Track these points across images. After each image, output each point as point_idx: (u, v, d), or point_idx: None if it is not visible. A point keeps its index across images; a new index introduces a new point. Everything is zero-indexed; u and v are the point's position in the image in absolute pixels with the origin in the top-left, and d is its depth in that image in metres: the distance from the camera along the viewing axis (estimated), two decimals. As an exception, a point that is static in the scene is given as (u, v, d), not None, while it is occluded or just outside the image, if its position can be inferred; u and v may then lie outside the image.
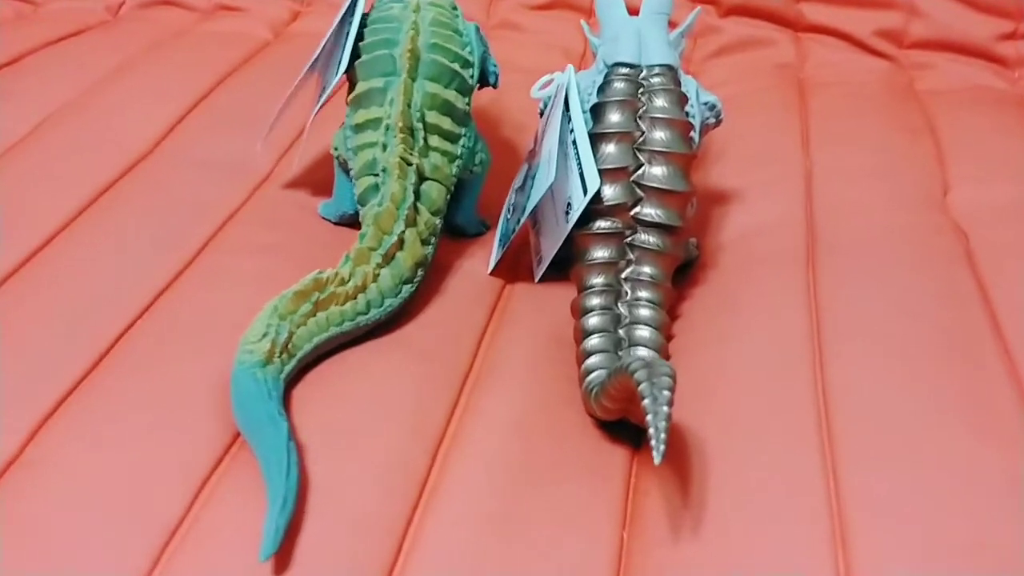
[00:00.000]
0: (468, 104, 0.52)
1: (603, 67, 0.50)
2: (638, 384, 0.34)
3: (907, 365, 0.43)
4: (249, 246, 0.53)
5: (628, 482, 0.40)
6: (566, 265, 0.49)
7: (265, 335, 0.41)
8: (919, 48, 0.76)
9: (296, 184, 0.59)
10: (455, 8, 0.55)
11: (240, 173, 0.60)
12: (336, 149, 0.52)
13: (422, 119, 0.49)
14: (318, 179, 0.59)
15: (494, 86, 0.55)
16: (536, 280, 0.52)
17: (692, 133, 0.49)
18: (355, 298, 0.45)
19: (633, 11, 0.52)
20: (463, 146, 0.51)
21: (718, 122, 0.53)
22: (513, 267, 0.54)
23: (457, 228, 0.55)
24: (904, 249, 0.52)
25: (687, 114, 0.49)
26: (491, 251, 0.53)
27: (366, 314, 0.45)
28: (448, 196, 0.50)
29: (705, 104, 0.52)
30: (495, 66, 0.55)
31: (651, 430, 0.33)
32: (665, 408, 0.33)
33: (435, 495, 0.38)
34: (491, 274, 0.52)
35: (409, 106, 0.49)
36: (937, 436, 0.39)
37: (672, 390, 0.34)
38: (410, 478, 0.39)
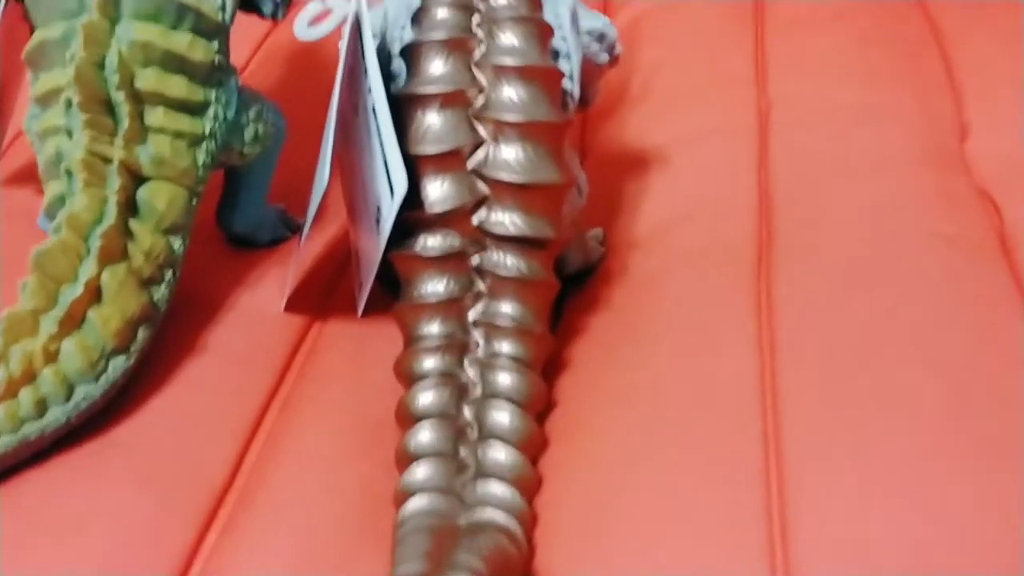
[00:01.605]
0: (219, 51, 0.33)
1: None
2: None
3: (910, 470, 0.26)
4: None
5: None
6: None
7: None
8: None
9: (17, 180, 0.41)
10: None
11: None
12: (28, 132, 0.34)
13: (127, 84, 0.30)
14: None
15: (274, 17, 0.37)
16: (359, 314, 0.34)
17: (566, 83, 0.31)
18: (15, 396, 0.27)
19: None
20: (215, 118, 0.32)
21: (614, 60, 0.34)
22: (327, 294, 0.36)
23: (239, 237, 0.37)
24: (905, 242, 0.34)
25: (555, 54, 0.31)
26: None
27: (39, 419, 0.27)
28: (193, 200, 0.32)
29: (590, 34, 0.33)
30: (277, -15, 0.36)
31: None
32: None
33: None
34: (286, 311, 0.35)
35: (101, 67, 0.30)
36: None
37: None
38: None
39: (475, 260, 0.30)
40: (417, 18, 0.30)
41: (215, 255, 0.36)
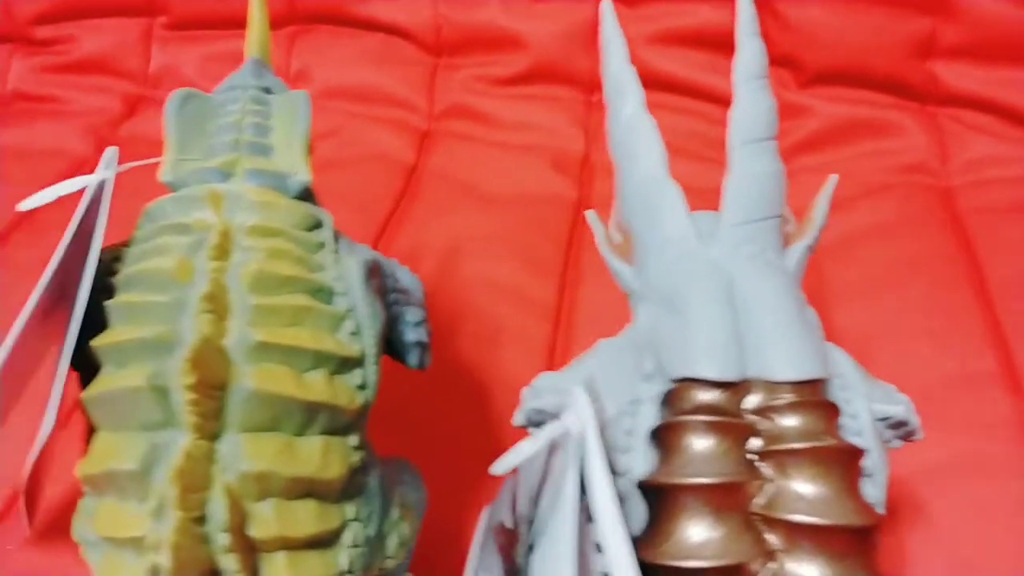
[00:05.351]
0: (359, 446, 0.23)
1: (651, 371, 0.22)
2: None
3: None
4: None
5: None
6: None
7: None
8: None
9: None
10: (314, 227, 0.25)
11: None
12: (80, 539, 0.23)
13: (238, 540, 0.20)
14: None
15: (421, 367, 0.27)
16: None
17: (870, 486, 0.21)
18: None
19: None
20: (353, 544, 0.22)
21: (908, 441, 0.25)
22: None
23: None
24: None
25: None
26: None
27: None
28: None
29: (885, 420, 0.24)
30: (418, 324, 0.26)
31: None
32: None
33: None
34: None
35: (200, 521, 0.20)
36: None
37: None
38: None
39: None
40: (658, 434, 0.21)
41: None
